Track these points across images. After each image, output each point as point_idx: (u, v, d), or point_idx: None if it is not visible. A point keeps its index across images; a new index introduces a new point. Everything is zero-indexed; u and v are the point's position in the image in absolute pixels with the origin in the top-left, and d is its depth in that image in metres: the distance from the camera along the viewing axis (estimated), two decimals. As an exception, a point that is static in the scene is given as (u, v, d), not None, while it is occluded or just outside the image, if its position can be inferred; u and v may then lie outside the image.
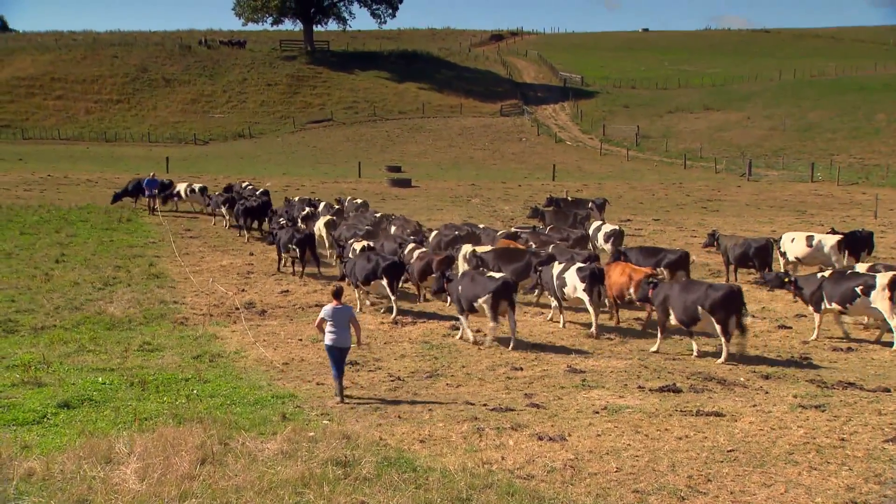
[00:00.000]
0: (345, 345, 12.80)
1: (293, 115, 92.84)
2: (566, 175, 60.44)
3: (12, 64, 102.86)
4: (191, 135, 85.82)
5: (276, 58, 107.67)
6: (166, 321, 17.98)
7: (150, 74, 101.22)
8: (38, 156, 65.87)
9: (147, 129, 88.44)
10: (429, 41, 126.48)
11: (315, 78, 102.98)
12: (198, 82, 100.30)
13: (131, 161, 62.66)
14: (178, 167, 57.58)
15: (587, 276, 17.10)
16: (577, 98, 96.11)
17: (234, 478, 9.05)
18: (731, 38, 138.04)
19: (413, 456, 10.02)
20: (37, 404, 11.86)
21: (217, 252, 27.11)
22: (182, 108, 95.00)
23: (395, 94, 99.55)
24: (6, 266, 23.31)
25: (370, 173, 58.91)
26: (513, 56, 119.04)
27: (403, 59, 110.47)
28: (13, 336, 16.29)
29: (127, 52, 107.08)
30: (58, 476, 9.12)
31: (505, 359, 15.29)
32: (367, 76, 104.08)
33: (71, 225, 31.18)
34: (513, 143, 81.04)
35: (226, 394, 12.77)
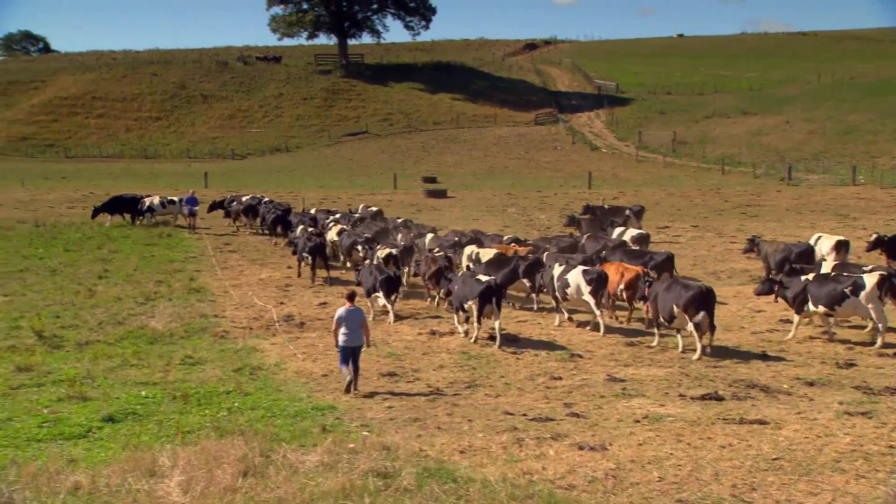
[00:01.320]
0: (356, 344, 13.79)
1: (329, 129, 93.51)
2: (602, 183, 60.14)
3: (55, 84, 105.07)
4: (228, 150, 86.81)
5: (311, 72, 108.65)
6: (207, 335, 18.14)
7: (189, 91, 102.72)
8: (81, 174, 67.02)
9: (186, 145, 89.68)
10: (462, 52, 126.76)
11: (350, 91, 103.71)
12: (235, 98, 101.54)
13: (171, 177, 63.49)
14: (217, 182, 58.25)
15: (594, 279, 17.84)
16: (612, 105, 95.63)
17: (276, 490, 9.10)
18: (768, 42, 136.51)
19: (453, 467, 10.00)
20: (82, 418, 12.03)
21: (256, 266, 27.34)
22: (220, 123, 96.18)
23: (429, 106, 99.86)
24: (51, 282, 23.72)
25: (406, 185, 59.09)
26: (546, 65, 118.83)
27: (437, 71, 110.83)
28: (59, 351, 16.55)
29: (165, 69, 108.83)
30: (104, 490, 9.25)
31: (544, 368, 15.22)
32: (401, 88, 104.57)
33: (113, 241, 31.67)
34: (548, 152, 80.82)
35: (266, 406, 12.86)
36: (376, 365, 15.54)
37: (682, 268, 25.98)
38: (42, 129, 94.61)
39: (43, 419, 11.95)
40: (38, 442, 11.11)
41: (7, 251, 28.91)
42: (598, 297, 17.90)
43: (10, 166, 74.93)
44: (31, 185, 53.93)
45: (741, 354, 15.90)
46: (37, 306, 20.42)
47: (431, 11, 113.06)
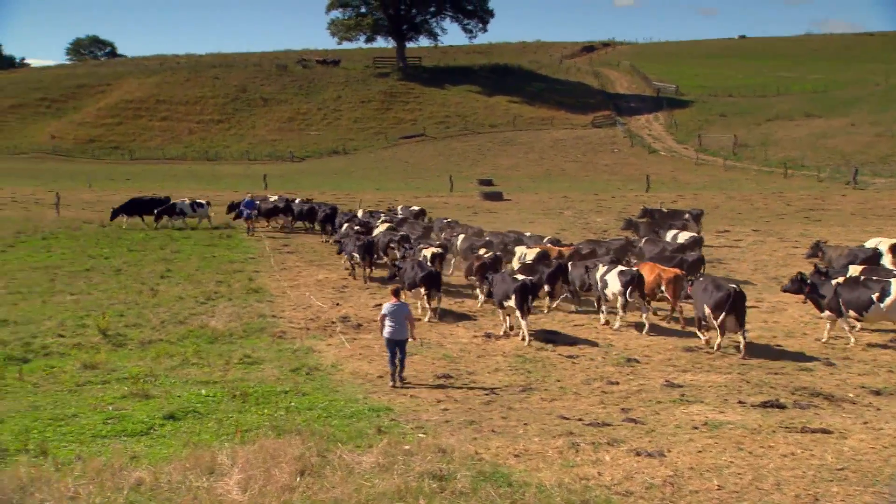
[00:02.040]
0: (401, 337, 14.51)
1: (386, 131, 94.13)
2: (660, 186, 59.46)
3: (121, 87, 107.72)
4: (287, 152, 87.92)
5: (369, 75, 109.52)
6: (265, 335, 18.36)
7: (249, 94, 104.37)
8: (145, 175, 68.57)
9: (246, 147, 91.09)
10: (519, 54, 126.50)
11: (407, 94, 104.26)
12: (294, 101, 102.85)
13: (231, 179, 64.56)
14: (275, 184, 59.04)
15: (628, 279, 18.28)
16: (671, 108, 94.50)
17: (333, 490, 9.17)
18: (834, 43, 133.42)
19: (508, 470, 9.97)
20: (145, 416, 12.27)
21: (313, 267, 27.61)
22: (279, 126, 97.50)
23: (486, 108, 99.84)
24: (116, 282, 24.27)
25: (462, 187, 59.17)
26: (605, 67, 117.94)
27: (494, 73, 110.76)
28: (122, 349, 16.92)
29: (227, 73, 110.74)
30: (165, 486, 9.42)
31: (600, 373, 15.09)
32: (458, 91, 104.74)
33: (175, 241, 32.31)
34: (605, 155, 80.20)
35: (323, 406, 12.97)
36: (431, 367, 15.58)
37: (743, 273, 25.55)
38: (108, 131, 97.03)
39: (107, 416, 12.23)
40: (102, 438, 11.37)
41: (74, 251, 29.68)
42: (631, 297, 18.30)
43: (77, 168, 77.02)
44: (97, 187, 55.33)
45: (804, 361, 15.55)
46: (102, 305, 20.90)
47: (489, 14, 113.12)
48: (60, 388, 13.83)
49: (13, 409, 12.51)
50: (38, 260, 27.74)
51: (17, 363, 15.54)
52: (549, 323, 19.44)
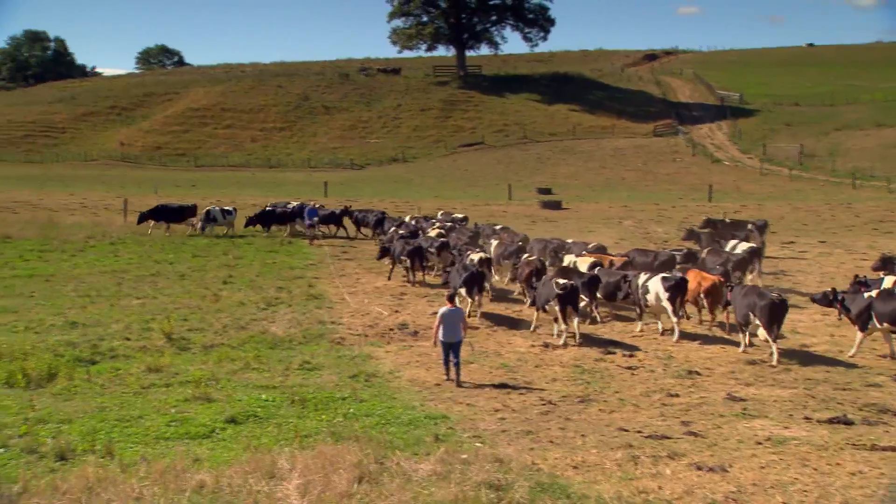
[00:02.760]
0: (455, 339, 15.17)
1: (445, 139, 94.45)
2: (723, 196, 58.51)
3: (188, 96, 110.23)
4: (348, 160, 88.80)
5: (429, 83, 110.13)
6: (324, 341, 18.52)
7: (311, 103, 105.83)
8: (209, 182, 69.90)
9: (307, 154, 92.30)
10: (580, 63, 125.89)
11: (467, 102, 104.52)
12: (355, 109, 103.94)
13: (292, 186, 65.42)
14: (336, 191, 59.67)
15: (672, 286, 18.44)
16: (735, 117, 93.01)
17: (390, 497, 9.20)
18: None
19: (567, 482, 9.88)
20: (207, 419, 12.46)
21: (372, 274, 27.79)
22: (340, 134, 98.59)
23: (545, 117, 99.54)
24: (180, 287, 24.75)
25: (520, 196, 59.03)
26: (667, 75, 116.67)
27: (555, 82, 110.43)
28: (186, 353, 17.22)
29: (290, 81, 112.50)
30: (226, 489, 9.55)
31: (660, 385, 14.88)
32: (517, 99, 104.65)
33: (237, 248, 32.84)
34: (666, 164, 79.24)
35: (381, 413, 13.02)
36: (489, 376, 15.55)
37: (809, 285, 24.96)
38: (174, 139, 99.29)
39: (171, 418, 12.45)
40: (165, 440, 11.58)
41: (141, 256, 30.37)
42: (676, 304, 18.45)
43: (144, 174, 78.91)
44: (163, 193, 56.53)
45: (872, 376, 15.13)
46: (166, 309, 21.31)
47: (550, 23, 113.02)
48: (126, 391, 14.13)
49: (81, 409, 12.82)
50: (106, 264, 28.45)
51: (86, 365, 15.95)
52: (607, 333, 19.27)
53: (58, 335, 18.23)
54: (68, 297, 22.76)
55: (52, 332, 18.53)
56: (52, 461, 10.54)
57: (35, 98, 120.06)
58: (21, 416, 12.36)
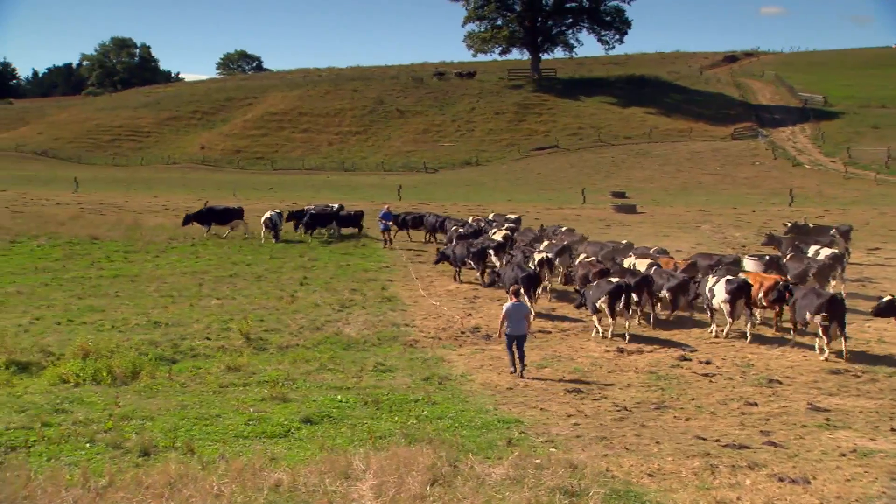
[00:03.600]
0: (520, 332, 15.85)
1: (518, 143, 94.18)
2: (805, 200, 56.91)
3: (266, 100, 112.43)
4: (421, 163, 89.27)
5: (503, 87, 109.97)
6: (398, 343, 18.66)
7: (386, 107, 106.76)
8: (286, 185, 71.08)
9: (381, 158, 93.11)
10: (657, 65, 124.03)
11: (541, 105, 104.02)
12: (429, 113, 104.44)
13: (367, 189, 66.07)
14: (409, 194, 60.04)
15: (733, 288, 18.67)
16: (817, 119, 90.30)
17: (464, 501, 9.21)
18: None
19: (642, 490, 9.75)
20: (283, 419, 12.68)
21: (445, 277, 27.87)
22: (414, 137, 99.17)
23: (620, 120, 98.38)
24: (257, 288, 25.24)
25: (594, 199, 58.48)
26: (747, 77, 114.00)
27: (630, 84, 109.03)
28: (263, 353, 17.57)
29: (365, 86, 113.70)
30: (302, 488, 9.70)
31: (738, 393, 14.57)
32: (592, 102, 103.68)
33: (313, 250, 33.32)
34: (746, 167, 77.43)
35: (453, 416, 13.05)
36: (562, 381, 15.45)
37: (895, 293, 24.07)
38: (253, 142, 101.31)
39: (248, 417, 12.71)
40: (243, 439, 11.82)
41: (220, 257, 31.05)
42: (736, 306, 18.69)
43: (224, 177, 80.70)
44: (241, 196, 57.67)
45: (964, 390, 14.54)
46: (244, 310, 21.75)
47: (627, 25, 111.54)
48: (206, 389, 14.47)
49: (163, 407, 13.18)
50: (187, 265, 29.18)
51: (167, 363, 16.41)
52: (685, 339, 18.95)
53: (141, 334, 18.80)
54: (151, 297, 23.43)
55: (136, 331, 19.12)
56: (136, 457, 10.86)
57: (122, 103, 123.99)
58: (107, 412, 12.77)
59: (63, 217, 41.36)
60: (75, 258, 30.19)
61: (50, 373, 15.22)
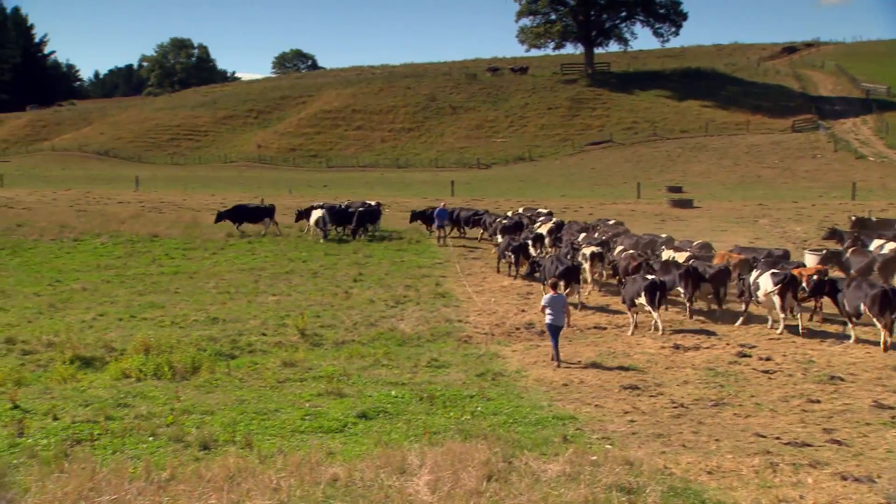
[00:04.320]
0: (559, 324, 16.51)
1: (572, 138, 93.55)
2: (868, 194, 55.51)
3: (320, 98, 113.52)
4: (474, 159, 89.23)
5: (556, 82, 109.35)
6: (451, 339, 18.69)
7: (439, 103, 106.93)
8: (340, 182, 71.68)
9: (434, 154, 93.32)
10: (714, 57, 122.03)
11: (595, 100, 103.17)
12: (482, 109, 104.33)
13: (420, 186, 66.29)
14: (462, 191, 60.06)
15: (780, 280, 18.59)
16: (881, 110, 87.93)
17: (519, 497, 9.19)
18: None
19: (700, 487, 9.63)
20: (339, 413, 12.79)
21: (499, 273, 27.84)
22: (466, 133, 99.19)
23: (676, 113, 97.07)
24: (313, 284, 25.51)
25: (649, 194, 57.83)
26: (807, 68, 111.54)
27: (686, 77, 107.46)
28: (319, 349, 17.74)
29: (418, 82, 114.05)
30: (358, 483, 9.77)
31: (799, 390, 14.28)
32: (647, 96, 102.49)
33: (367, 246, 33.54)
34: (806, 160, 75.80)
35: (508, 412, 13.03)
36: (618, 377, 15.32)
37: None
38: (308, 140, 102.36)
39: (305, 412, 12.84)
40: (300, 433, 11.94)
41: (276, 254, 31.45)
42: (786, 298, 18.63)
43: (279, 175, 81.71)
44: (296, 193, 58.35)
45: None
46: (300, 306, 22.01)
47: (682, 17, 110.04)
48: (263, 384, 14.66)
49: (222, 402, 13.40)
50: (244, 262, 29.62)
51: (226, 359, 16.68)
52: (743, 336, 18.65)
53: (200, 330, 19.13)
54: (209, 294, 23.84)
55: (195, 327, 19.47)
56: (197, 450, 11.05)
57: (180, 103, 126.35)
58: (168, 406, 13.03)
59: (124, 215, 42.31)
60: (136, 255, 30.86)
61: (113, 368, 15.58)
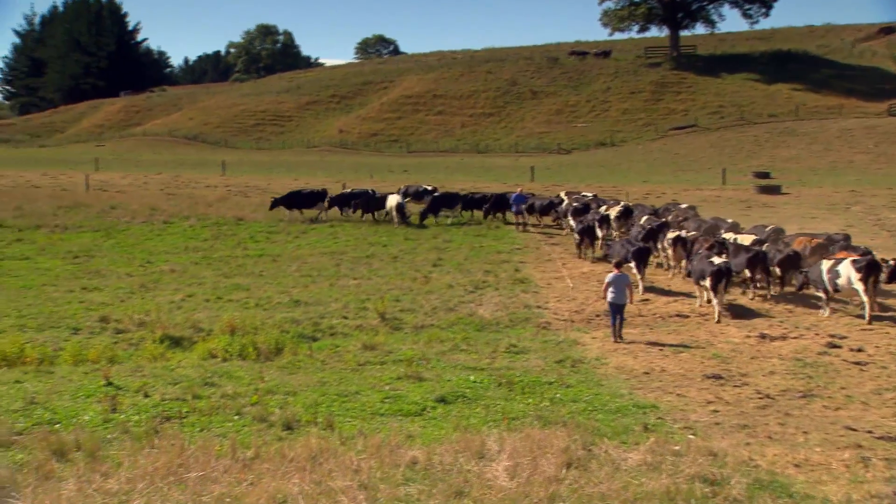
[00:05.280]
0: (621, 302, 17.12)
1: (655, 123, 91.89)
2: (969, 179, 53.08)
3: (402, 84, 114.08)
4: (554, 144, 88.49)
5: (639, 65, 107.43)
6: (530, 325, 18.62)
7: (519, 88, 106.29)
8: (420, 167, 71.98)
9: (514, 139, 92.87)
10: (805, 39, 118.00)
11: (679, 84, 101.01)
12: (563, 93, 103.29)
13: (499, 171, 66.07)
14: (542, 176, 59.65)
15: (863, 267, 18.28)
16: None
17: (599, 485, 9.11)
18: None
19: (788, 480, 9.38)
20: (418, 397, 12.88)
21: (578, 259, 27.61)
22: (547, 118, 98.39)
23: (764, 97, 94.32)
24: (392, 269, 25.71)
25: (735, 180, 56.41)
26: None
27: (776, 60, 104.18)
28: (398, 333, 17.90)
29: (499, 67, 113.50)
30: (438, 467, 9.82)
31: (893, 382, 13.77)
32: (734, 79, 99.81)
33: (447, 231, 33.62)
34: (903, 145, 72.83)
35: (587, 400, 12.92)
36: (700, 366, 15.04)
37: None
38: (389, 126, 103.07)
39: (385, 395, 12.96)
40: (380, 416, 12.07)
41: (357, 238, 31.79)
42: (868, 284, 18.31)
43: (360, 160, 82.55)
44: (378, 178, 58.86)
45: None
46: (380, 290, 22.21)
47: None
48: (344, 367, 14.87)
49: (305, 383, 13.63)
50: (326, 246, 30.04)
51: (308, 341, 16.98)
52: (833, 326, 18.08)
53: (283, 312, 19.51)
54: (292, 277, 24.27)
55: (279, 310, 19.86)
56: (280, 430, 11.27)
57: (265, 88, 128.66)
58: (252, 386, 13.32)
59: (211, 199, 43.38)
60: (222, 238, 31.60)
61: (200, 347, 16.02)
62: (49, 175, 60.02)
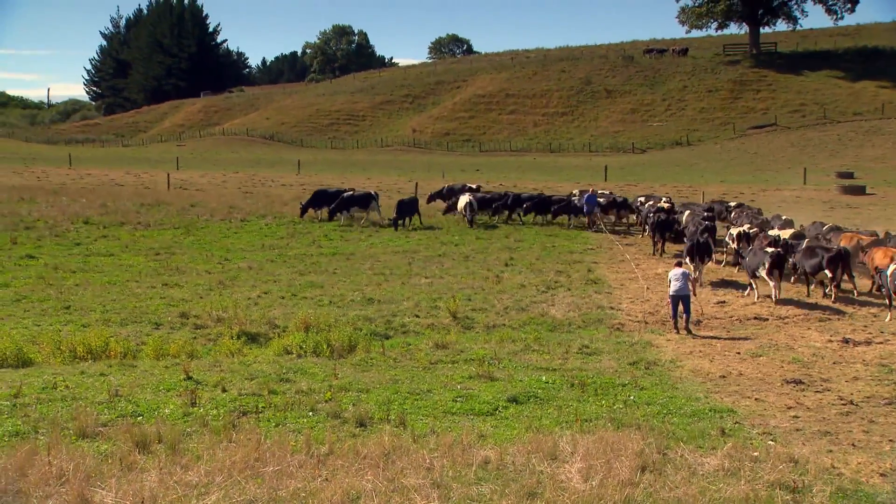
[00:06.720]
0: (684, 294, 17.65)
1: (733, 121, 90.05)
2: None
3: (475, 83, 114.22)
4: (629, 143, 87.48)
5: (717, 63, 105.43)
6: (603, 326, 18.43)
7: (593, 87, 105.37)
8: (492, 166, 71.95)
9: (588, 139, 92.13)
10: (893, 35, 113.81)
11: (759, 82, 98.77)
12: (638, 92, 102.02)
13: (572, 171, 65.61)
14: (616, 176, 59.02)
15: None
16: None
17: (675, 490, 8.95)
18: None
19: (873, 490, 9.07)
20: (490, 397, 12.85)
21: (652, 260, 27.22)
22: (621, 117, 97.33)
23: (849, 95, 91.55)
24: (464, 268, 25.73)
25: (816, 180, 54.91)
26: None
27: (861, 57, 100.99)
28: (470, 332, 17.90)
29: (573, 66, 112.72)
30: (510, 467, 9.79)
31: None
32: (816, 77, 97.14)
33: (518, 231, 33.51)
34: None
35: (662, 402, 12.71)
36: (780, 371, 14.66)
37: None
38: (461, 125, 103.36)
39: (457, 394, 12.96)
40: (452, 415, 12.08)
41: (429, 237, 31.92)
42: None
43: (434, 159, 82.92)
44: (449, 177, 59.06)
45: None
46: (452, 289, 22.23)
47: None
48: (416, 365, 14.93)
49: (377, 381, 13.73)
50: (398, 245, 30.23)
51: (381, 339, 17.10)
52: (920, 332, 17.42)
53: (357, 310, 19.69)
54: (365, 275, 24.49)
55: (352, 307, 20.05)
56: (353, 427, 11.38)
57: (340, 88, 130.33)
58: (326, 383, 13.48)
59: (287, 197, 44.04)
60: (298, 236, 32.07)
61: (276, 344, 16.28)
62: (132, 173, 61.82)
